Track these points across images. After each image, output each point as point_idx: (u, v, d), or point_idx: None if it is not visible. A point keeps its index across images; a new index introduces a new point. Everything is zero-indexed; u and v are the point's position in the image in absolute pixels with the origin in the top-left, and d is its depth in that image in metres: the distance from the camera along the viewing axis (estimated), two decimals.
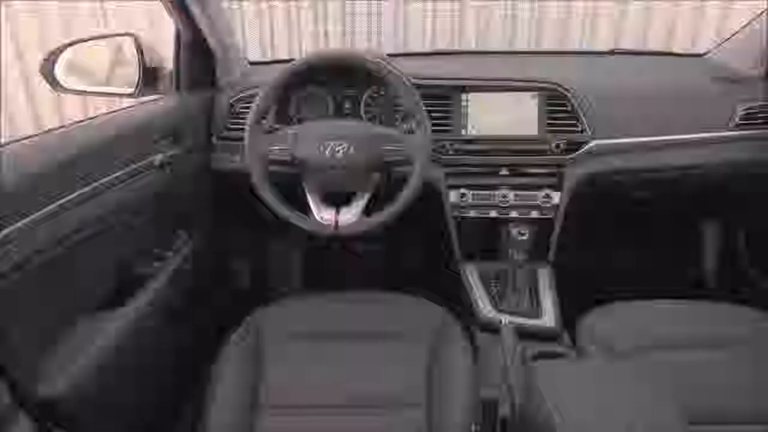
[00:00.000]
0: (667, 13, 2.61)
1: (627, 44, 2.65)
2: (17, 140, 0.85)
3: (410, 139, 1.12)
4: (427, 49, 2.68)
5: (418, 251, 1.88)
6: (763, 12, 1.38)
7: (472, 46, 2.72)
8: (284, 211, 1.09)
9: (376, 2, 2.66)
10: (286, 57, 2.35)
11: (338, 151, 1.08)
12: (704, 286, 1.71)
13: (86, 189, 0.88)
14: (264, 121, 1.28)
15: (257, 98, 1.09)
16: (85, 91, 1.27)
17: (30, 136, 0.88)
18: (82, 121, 0.99)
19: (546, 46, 2.70)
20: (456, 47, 2.69)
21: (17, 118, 2.67)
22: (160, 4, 1.16)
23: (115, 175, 0.96)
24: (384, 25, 2.70)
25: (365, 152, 1.09)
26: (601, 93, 1.35)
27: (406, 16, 2.68)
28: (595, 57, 1.81)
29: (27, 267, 0.76)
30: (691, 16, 2.60)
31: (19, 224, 0.74)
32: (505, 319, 1.04)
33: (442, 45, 2.68)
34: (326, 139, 1.09)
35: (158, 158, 1.10)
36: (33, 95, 2.69)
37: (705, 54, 1.62)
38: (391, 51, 2.62)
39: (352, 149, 1.08)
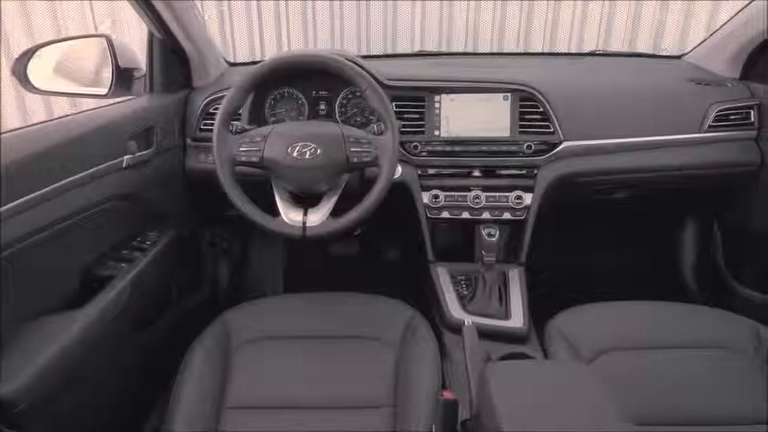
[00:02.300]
0: (656, 14, 2.62)
1: (616, 46, 2.65)
2: None
3: (378, 141, 1.12)
4: (416, 50, 2.69)
5: (398, 252, 1.88)
6: (737, 13, 1.38)
7: (462, 48, 2.72)
8: (251, 211, 1.09)
9: (365, 2, 2.66)
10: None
11: (305, 153, 1.08)
12: (682, 287, 1.71)
13: (47, 189, 0.89)
14: (237, 122, 1.28)
15: (224, 100, 1.10)
16: (57, 92, 1.27)
17: None
18: (45, 121, 0.99)
19: (535, 47, 2.70)
20: (444, 49, 2.69)
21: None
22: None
23: (78, 176, 0.96)
24: (372, 26, 2.70)
25: (332, 154, 1.09)
26: (574, 95, 1.35)
27: (395, 17, 2.68)
28: (575, 59, 1.81)
29: None
30: (679, 17, 2.60)
31: None
32: (467, 320, 1.04)
33: (430, 46, 2.68)
34: (294, 141, 1.09)
35: (126, 159, 1.10)
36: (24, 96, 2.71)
37: (683, 56, 1.62)
38: (380, 52, 2.66)
39: (319, 151, 1.08)
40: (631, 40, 2.68)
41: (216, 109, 1.33)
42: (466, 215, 1.34)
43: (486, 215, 1.33)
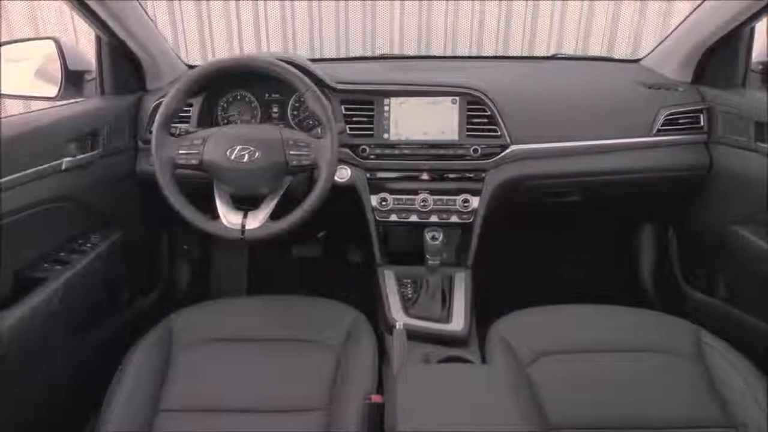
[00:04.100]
0: (634, 17, 2.61)
1: (595, 50, 2.65)
2: None
3: (317, 144, 1.12)
4: (396, 52, 2.69)
5: (361, 254, 1.88)
6: (688, 16, 1.38)
7: (441, 51, 2.73)
8: (190, 214, 1.10)
9: (343, 3, 2.67)
10: None
11: (243, 156, 1.09)
12: (638, 291, 1.71)
13: None
14: (184, 125, 1.29)
15: (162, 103, 1.11)
16: (4, 94, 1.28)
17: None
18: None
19: (514, 50, 2.70)
20: (424, 51, 2.69)
21: None
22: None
23: (8, 178, 0.96)
24: (351, 28, 2.71)
25: (271, 156, 1.10)
26: (523, 98, 1.35)
27: (374, 20, 2.68)
28: (535, 62, 1.82)
29: None
30: (658, 20, 2.59)
31: None
32: (399, 323, 1.05)
33: (410, 49, 2.68)
34: (233, 144, 1.10)
35: (65, 161, 1.10)
36: None
37: (641, 59, 1.62)
38: (359, 54, 2.66)
39: (257, 154, 1.09)
40: (609, 43, 2.68)
41: None
42: (414, 218, 1.34)
43: (434, 218, 1.33)
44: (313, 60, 1.52)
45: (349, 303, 1.21)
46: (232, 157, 1.09)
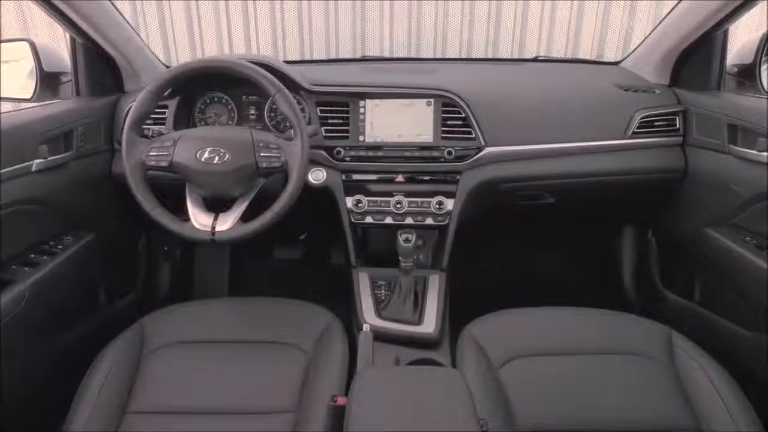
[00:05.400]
0: (624, 20, 2.61)
1: (584, 51, 2.65)
2: None
3: (288, 147, 1.12)
4: (386, 54, 2.69)
5: (342, 256, 1.89)
6: (664, 19, 1.38)
7: (431, 53, 2.73)
8: (159, 215, 1.11)
9: (333, 3, 2.67)
10: None
11: (214, 158, 1.09)
12: (619, 294, 1.70)
13: None
14: (159, 127, 1.29)
15: (133, 104, 1.11)
16: None
17: None
18: None
19: (503, 52, 2.70)
20: (414, 53, 2.70)
21: None
22: None
23: None
24: (341, 29, 2.71)
25: (241, 159, 1.10)
26: (499, 101, 1.35)
27: (364, 20, 2.69)
28: (517, 65, 1.81)
29: None
30: (647, 24, 2.59)
31: None
32: (366, 326, 1.05)
33: (400, 50, 2.69)
34: (203, 146, 1.10)
35: (36, 163, 1.10)
36: None
37: (621, 62, 1.62)
38: (350, 55, 2.66)
39: (228, 156, 1.09)
40: (599, 44, 2.68)
41: None
42: (389, 220, 1.34)
43: (409, 220, 1.33)
44: (291, 62, 1.53)
45: (329, 305, 1.21)
46: (203, 159, 1.09)
